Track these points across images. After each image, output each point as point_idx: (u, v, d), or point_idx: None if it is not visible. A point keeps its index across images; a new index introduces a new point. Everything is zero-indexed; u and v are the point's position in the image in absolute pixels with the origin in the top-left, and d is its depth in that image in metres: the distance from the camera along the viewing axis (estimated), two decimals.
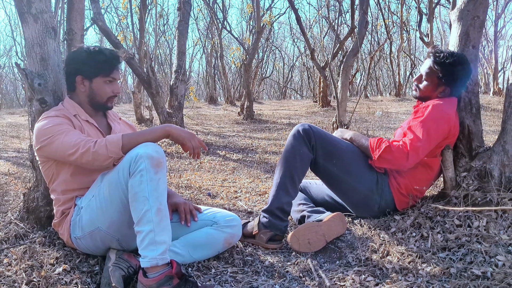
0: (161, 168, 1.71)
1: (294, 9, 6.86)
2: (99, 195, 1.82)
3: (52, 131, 1.84)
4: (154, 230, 1.66)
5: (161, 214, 1.69)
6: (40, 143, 1.86)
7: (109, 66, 2.01)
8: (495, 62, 12.74)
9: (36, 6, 2.08)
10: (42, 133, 1.86)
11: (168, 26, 18.40)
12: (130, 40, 8.63)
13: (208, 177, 4.01)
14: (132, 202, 1.69)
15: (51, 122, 1.88)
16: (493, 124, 7.03)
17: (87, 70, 1.99)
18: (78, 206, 1.92)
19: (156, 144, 1.78)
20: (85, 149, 1.78)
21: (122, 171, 1.73)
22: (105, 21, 5.61)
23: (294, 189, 2.27)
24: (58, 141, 1.82)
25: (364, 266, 1.96)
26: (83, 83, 2.02)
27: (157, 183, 1.69)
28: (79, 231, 1.88)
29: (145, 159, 1.68)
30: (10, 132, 8.39)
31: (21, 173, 4.14)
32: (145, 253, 1.65)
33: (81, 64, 1.99)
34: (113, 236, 1.85)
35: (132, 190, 1.69)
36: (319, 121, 8.17)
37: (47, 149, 1.85)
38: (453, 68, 2.22)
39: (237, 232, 2.10)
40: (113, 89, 2.06)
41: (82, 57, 1.99)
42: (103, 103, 2.07)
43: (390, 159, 2.18)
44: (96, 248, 1.91)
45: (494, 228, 1.94)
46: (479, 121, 2.34)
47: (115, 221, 1.81)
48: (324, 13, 14.28)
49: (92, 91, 2.03)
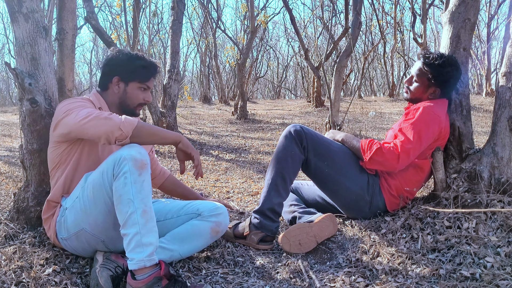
0: (145, 170, 1.70)
1: (288, 9, 6.87)
2: (83, 196, 1.80)
3: (71, 107, 1.85)
4: (140, 232, 1.65)
5: (146, 215, 1.67)
6: (57, 118, 1.86)
7: (147, 73, 2.06)
8: (488, 63, 12.82)
9: (27, 6, 2.06)
10: (61, 111, 1.87)
11: (162, 25, 18.38)
12: (124, 38, 8.60)
13: None
14: (117, 205, 1.68)
15: (74, 101, 1.92)
16: (485, 125, 7.08)
17: (125, 72, 2.03)
18: (63, 206, 1.91)
19: (141, 146, 1.77)
20: (97, 114, 1.78)
21: (106, 173, 1.72)
22: (98, 20, 5.59)
23: (285, 190, 2.28)
24: (75, 112, 1.82)
25: (355, 267, 1.96)
26: (118, 84, 2.05)
27: (141, 185, 1.68)
28: (65, 232, 1.87)
29: (128, 161, 1.67)
30: (2, 130, 8.33)
31: (12, 172, 4.12)
32: (132, 256, 1.64)
33: (121, 66, 2.03)
34: (98, 237, 1.84)
35: (117, 192, 1.67)
36: (312, 121, 8.18)
37: (63, 122, 1.84)
38: (442, 70, 2.24)
39: (223, 221, 2.06)
40: (144, 96, 2.09)
41: (123, 60, 2.03)
42: (133, 108, 2.08)
43: (381, 161, 2.19)
44: (83, 249, 1.90)
45: (484, 230, 1.95)
46: (470, 123, 2.36)
47: (100, 223, 1.80)
48: (318, 13, 14.30)
49: (125, 94, 2.06)
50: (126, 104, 2.07)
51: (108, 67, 2.05)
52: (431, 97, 2.33)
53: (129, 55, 2.04)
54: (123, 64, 2.03)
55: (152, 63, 2.08)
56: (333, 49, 6.88)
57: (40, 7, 2.14)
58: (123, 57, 2.04)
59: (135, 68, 2.03)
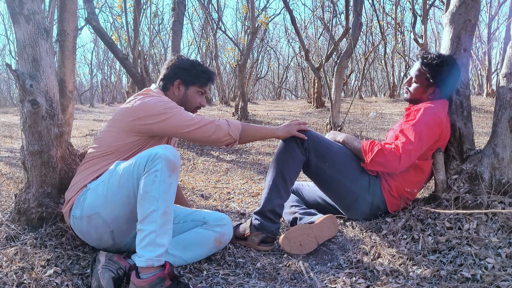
0: (175, 173, 1.75)
1: (289, 9, 6.88)
2: (109, 182, 1.84)
3: (169, 105, 1.99)
4: (156, 231, 1.67)
5: (166, 217, 1.70)
6: (155, 112, 1.94)
7: (207, 78, 2.22)
8: (489, 64, 12.81)
9: (28, 7, 2.07)
10: (158, 104, 1.97)
11: (163, 26, 18.41)
12: (125, 39, 8.60)
13: (202, 178, 4.01)
14: (141, 199, 1.71)
15: (163, 99, 2.03)
16: (486, 126, 7.08)
17: (187, 76, 2.18)
18: (87, 187, 1.93)
19: (175, 149, 1.83)
20: (208, 121, 2.00)
21: (138, 166, 1.75)
22: (99, 21, 5.59)
23: (286, 191, 2.28)
24: (179, 113, 1.98)
25: (355, 268, 1.96)
26: (179, 87, 2.19)
27: (169, 186, 1.72)
28: (79, 210, 1.89)
29: (162, 160, 1.71)
30: (3, 131, 8.33)
31: (13, 173, 4.12)
32: (142, 252, 1.67)
33: (184, 70, 2.18)
34: (109, 226, 1.86)
35: (144, 188, 1.71)
36: (313, 122, 8.18)
37: (162, 118, 1.94)
38: (440, 69, 2.25)
39: (227, 232, 2.09)
40: (201, 100, 2.24)
41: (186, 64, 2.19)
42: (190, 110, 2.19)
43: (383, 162, 2.19)
44: (88, 234, 1.91)
45: (484, 231, 1.95)
46: (470, 124, 2.36)
47: (116, 212, 1.83)
48: (318, 14, 14.30)
49: (185, 97, 2.19)
50: (184, 106, 2.15)
51: (172, 71, 2.18)
52: (431, 97, 2.33)
53: (191, 61, 2.20)
54: (186, 69, 2.17)
55: (211, 70, 2.23)
56: (334, 49, 6.88)
57: (41, 9, 2.14)
58: (186, 62, 2.20)
59: (196, 72, 2.17)
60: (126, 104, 2.03)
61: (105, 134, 2.03)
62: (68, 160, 2.28)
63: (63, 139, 2.22)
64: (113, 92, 21.94)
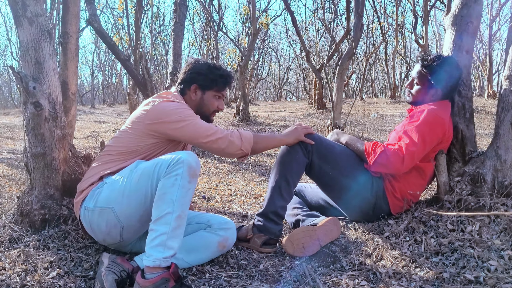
0: (194, 179, 1.77)
1: (290, 11, 6.89)
2: (128, 178, 1.85)
3: (186, 113, 2.00)
4: (168, 233, 1.69)
5: (180, 221, 1.72)
6: (171, 118, 1.96)
7: (224, 83, 2.20)
8: (490, 65, 12.82)
9: (31, 10, 2.07)
10: (175, 111, 1.98)
11: (164, 27, 18.42)
12: (126, 41, 8.61)
13: (203, 179, 4.01)
14: (158, 200, 1.73)
15: (184, 106, 2.05)
16: (487, 127, 7.08)
17: (204, 81, 2.16)
18: (104, 181, 1.95)
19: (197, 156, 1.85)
20: (223, 135, 2.03)
21: (160, 167, 1.77)
22: (101, 22, 5.59)
23: (288, 193, 2.28)
24: (194, 122, 2.00)
25: (358, 270, 1.96)
26: (195, 92, 2.17)
27: (187, 192, 1.74)
28: (93, 203, 1.90)
29: (184, 165, 1.73)
30: (5, 133, 8.35)
31: (15, 175, 4.13)
32: (151, 252, 1.68)
33: (201, 74, 2.16)
34: (120, 222, 1.87)
35: (162, 189, 1.73)
36: (314, 123, 8.18)
37: (178, 126, 1.96)
38: (441, 69, 2.26)
39: (231, 236, 2.10)
40: (219, 104, 2.23)
41: (203, 69, 2.16)
42: (208, 115, 2.21)
43: (386, 164, 2.19)
44: (97, 227, 1.91)
45: (487, 233, 1.95)
46: (473, 126, 2.36)
47: (130, 209, 1.84)
48: (319, 15, 14.31)
49: (202, 101, 2.18)
50: (202, 110, 2.17)
51: (188, 75, 2.17)
52: (433, 99, 2.33)
53: (208, 65, 2.18)
54: (203, 73, 2.15)
55: (229, 73, 2.21)
56: (335, 51, 6.88)
57: (45, 11, 2.15)
58: (203, 66, 2.18)
59: (214, 77, 2.16)
60: (145, 106, 2.03)
61: (123, 134, 2.05)
62: (71, 162, 2.29)
63: (66, 141, 2.22)
64: (114, 93, 21.96)
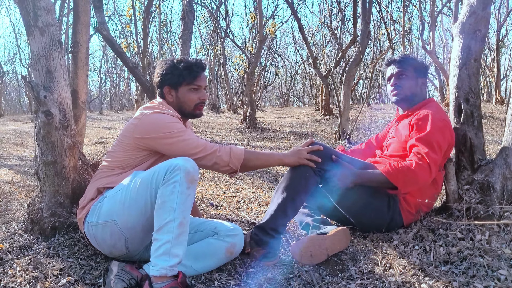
0: (193, 185, 1.77)
1: (297, 17, 6.91)
2: (127, 190, 1.86)
3: (176, 127, 1.99)
4: (171, 242, 1.69)
5: (182, 228, 1.73)
6: (160, 134, 1.96)
7: (191, 73, 2.12)
8: (498, 71, 12.75)
9: (42, 20, 2.10)
10: (163, 126, 1.98)
11: (171, 34, 18.52)
12: (134, 48, 8.68)
13: (211, 186, 4.02)
14: (158, 209, 1.73)
15: (172, 119, 2.03)
16: (495, 133, 7.03)
17: (171, 79, 2.13)
18: (104, 195, 1.96)
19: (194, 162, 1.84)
20: (211, 151, 2.02)
21: (157, 176, 1.77)
22: (109, 30, 5.65)
23: (294, 211, 2.22)
24: (182, 138, 1.99)
25: (367, 279, 1.96)
26: (170, 93, 2.15)
27: (186, 198, 1.74)
28: (95, 217, 1.91)
29: (182, 172, 1.73)
30: (14, 139, 8.41)
31: (25, 181, 4.16)
32: (156, 262, 1.69)
33: (166, 74, 2.13)
34: (124, 234, 1.88)
35: (161, 197, 1.73)
36: (321, 130, 8.18)
37: (166, 142, 1.97)
38: (411, 60, 2.41)
39: (238, 242, 2.09)
40: (199, 96, 2.16)
41: (167, 68, 2.13)
42: (191, 111, 2.17)
43: (416, 181, 2.15)
44: (103, 241, 1.93)
45: (497, 242, 1.94)
46: (481, 134, 2.35)
47: (132, 219, 1.85)
48: (326, 21, 14.34)
49: (178, 100, 2.15)
50: (183, 108, 2.16)
51: (158, 79, 2.15)
52: (423, 88, 2.43)
53: (170, 62, 2.14)
54: (168, 73, 2.12)
55: (193, 63, 2.13)
56: (342, 57, 6.89)
57: (56, 21, 2.18)
58: (167, 65, 2.14)
59: (179, 72, 2.11)
60: (134, 120, 2.05)
61: (116, 148, 2.07)
62: (81, 170, 2.31)
63: (76, 149, 2.24)
64: (122, 99, 22.11)
